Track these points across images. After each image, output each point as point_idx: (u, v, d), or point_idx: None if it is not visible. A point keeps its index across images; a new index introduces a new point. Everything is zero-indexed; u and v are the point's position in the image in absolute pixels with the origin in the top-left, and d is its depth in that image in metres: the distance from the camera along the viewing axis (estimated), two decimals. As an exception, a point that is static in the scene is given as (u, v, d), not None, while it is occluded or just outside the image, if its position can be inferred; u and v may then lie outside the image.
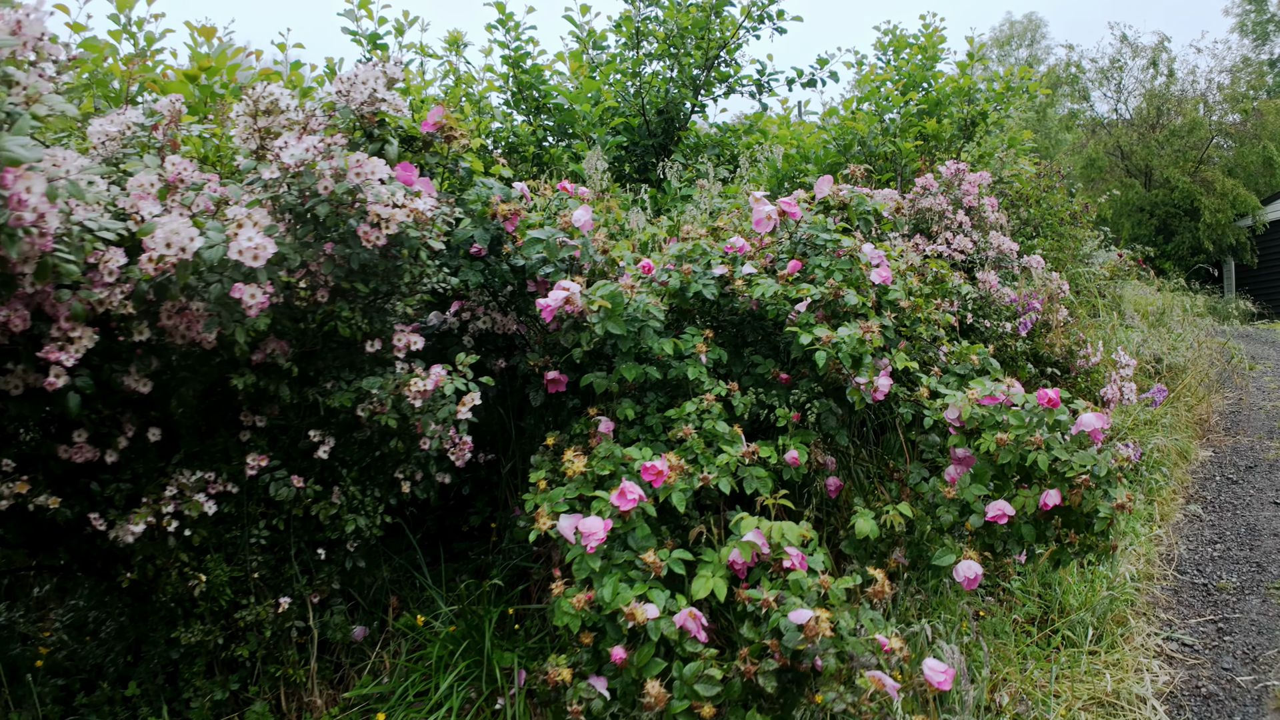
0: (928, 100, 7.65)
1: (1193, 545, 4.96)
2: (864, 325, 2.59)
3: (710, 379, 2.82)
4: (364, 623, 3.26)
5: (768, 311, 2.81)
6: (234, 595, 2.88)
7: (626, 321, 2.66)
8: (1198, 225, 17.38)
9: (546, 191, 3.57)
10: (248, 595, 2.91)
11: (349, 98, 2.81)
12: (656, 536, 2.59)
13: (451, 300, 3.58)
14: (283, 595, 2.91)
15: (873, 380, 2.65)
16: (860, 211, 3.19)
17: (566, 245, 2.88)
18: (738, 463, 2.54)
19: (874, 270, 2.85)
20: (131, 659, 3.04)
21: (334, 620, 3.13)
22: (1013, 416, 2.58)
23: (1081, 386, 5.07)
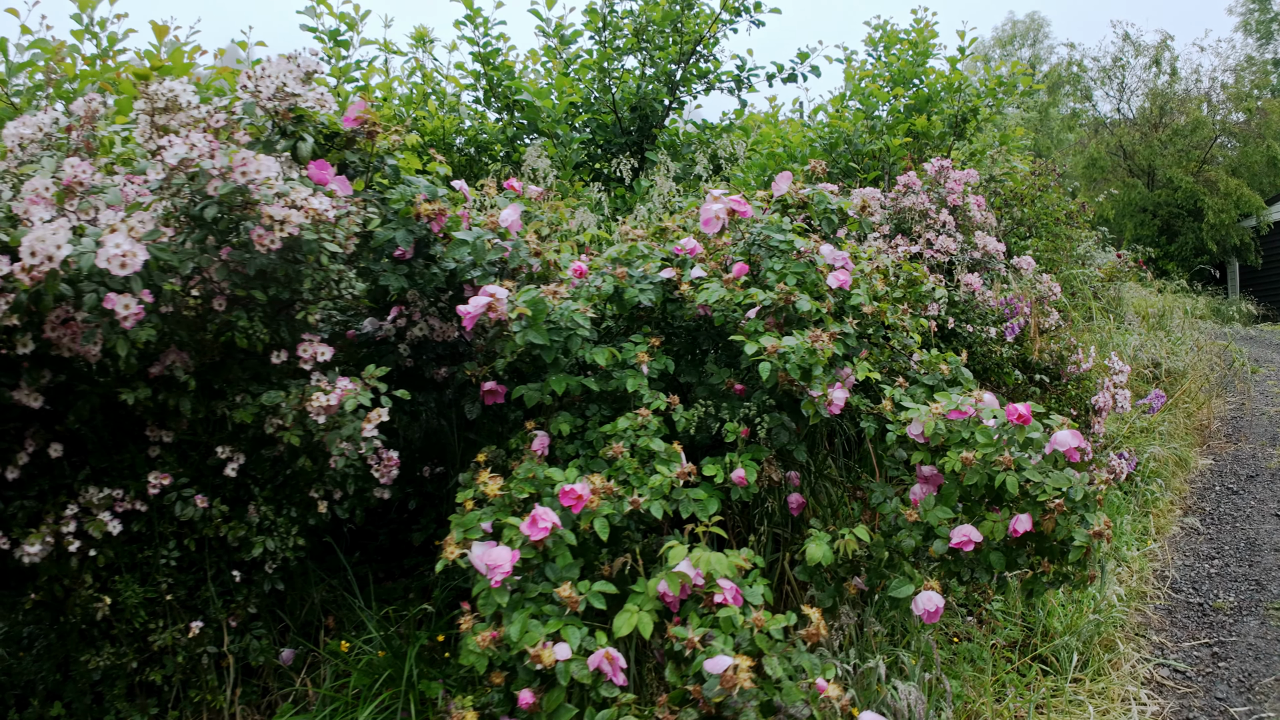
0: (918, 97, 7.42)
1: (1189, 561, 4.71)
2: (813, 334, 2.35)
3: (652, 392, 2.59)
4: (296, 645, 3.07)
5: (715, 318, 2.58)
6: (148, 617, 2.73)
7: (553, 330, 2.43)
8: (1201, 226, 17.09)
9: (490, 190, 3.35)
10: (162, 618, 2.75)
11: (257, 93, 2.60)
12: (583, 566, 2.36)
13: (393, 306, 3.37)
14: (198, 619, 2.74)
15: (825, 392, 2.42)
16: (822, 211, 2.96)
17: (496, 247, 2.65)
18: (672, 484, 2.31)
19: (832, 274, 2.61)
20: (60, 677, 2.88)
21: (254, 644, 2.95)
22: (980, 433, 2.34)
23: (1072, 394, 4.82)
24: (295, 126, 2.77)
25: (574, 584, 2.12)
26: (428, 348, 3.35)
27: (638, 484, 2.36)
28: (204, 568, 2.87)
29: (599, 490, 2.23)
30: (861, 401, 2.75)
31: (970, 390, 2.79)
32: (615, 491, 2.32)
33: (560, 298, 2.44)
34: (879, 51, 7.79)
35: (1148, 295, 11.27)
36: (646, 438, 2.42)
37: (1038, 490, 2.25)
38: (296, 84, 2.70)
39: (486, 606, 2.04)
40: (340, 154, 2.83)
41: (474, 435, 3.48)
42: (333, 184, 2.74)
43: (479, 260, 2.66)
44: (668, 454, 2.41)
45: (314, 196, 2.35)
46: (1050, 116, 24.16)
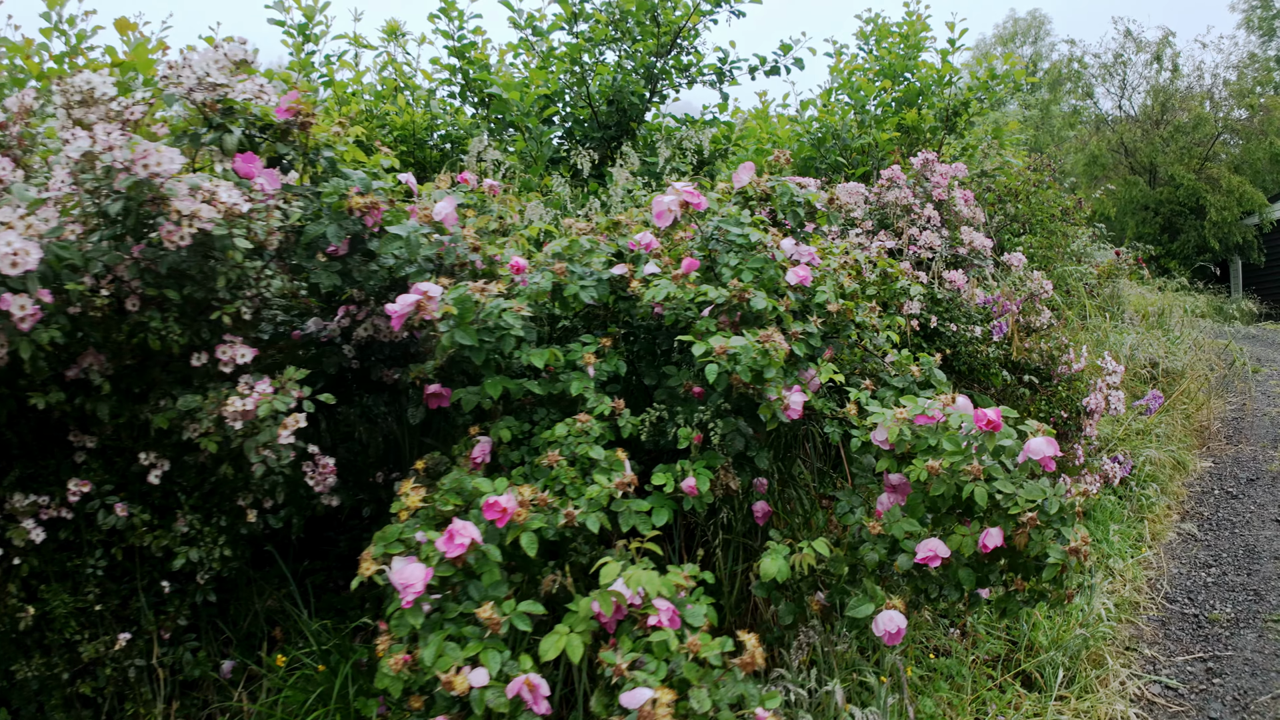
0: (909, 91, 7.24)
1: (1185, 569, 4.53)
2: (764, 334, 2.18)
3: (597, 395, 2.42)
4: (239, 657, 2.94)
5: (666, 317, 2.41)
6: (79, 628, 2.62)
7: (483, 331, 2.26)
8: (1203, 223, 16.86)
9: (443, 184, 3.19)
10: (95, 628, 2.64)
11: (179, 84, 2.44)
12: (523, 582, 2.20)
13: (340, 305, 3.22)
14: (130, 630, 2.65)
15: (781, 396, 2.25)
16: (787, 204, 2.79)
17: (432, 242, 2.49)
18: (610, 495, 2.14)
19: (792, 270, 2.44)
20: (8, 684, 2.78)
21: (187, 657, 2.83)
22: (948, 440, 2.17)
23: (1063, 396, 4.64)
24: (224, 118, 2.62)
25: (499, 604, 1.95)
26: (375, 348, 3.19)
27: (575, 495, 2.19)
28: (136, 578, 2.74)
29: (526, 503, 2.06)
30: (826, 405, 2.58)
31: (943, 393, 2.61)
32: (550, 503, 2.15)
33: (489, 295, 2.27)
34: (870, 45, 7.62)
35: (1147, 293, 11.07)
36: (586, 445, 2.26)
37: (1009, 502, 2.08)
38: (221, 74, 2.55)
39: (400, 628, 1.88)
40: (273, 147, 2.67)
41: (430, 440, 3.33)
42: (260, 177, 2.58)
43: (412, 256, 2.49)
44: (609, 462, 2.24)
45: (225, 190, 2.19)
46: (1052, 114, 23.95)
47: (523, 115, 4.59)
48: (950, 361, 4.30)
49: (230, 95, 2.60)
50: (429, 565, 1.93)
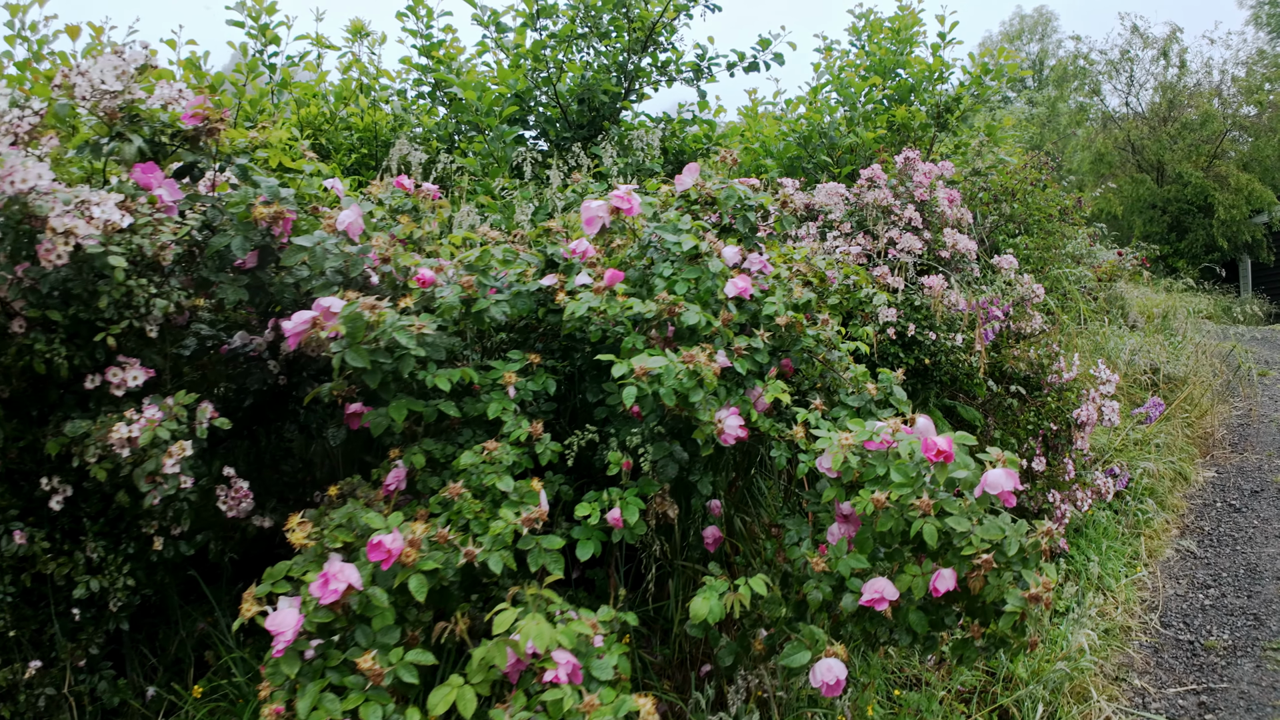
0: (900, 87, 7.01)
1: (1182, 589, 4.29)
2: (687, 354, 1.97)
3: (516, 418, 2.22)
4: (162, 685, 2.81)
5: (591, 333, 2.20)
6: None
7: (378, 351, 2.06)
8: (1211, 222, 16.53)
9: (375, 190, 2.99)
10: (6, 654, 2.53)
11: (70, 92, 2.25)
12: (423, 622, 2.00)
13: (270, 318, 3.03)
14: (46, 657, 2.52)
15: (714, 420, 2.03)
16: (737, 208, 2.57)
17: (340, 254, 2.29)
18: (516, 531, 1.93)
19: (730, 281, 2.23)
20: None
21: (102, 686, 2.69)
22: (897, 470, 1.95)
23: (1052, 407, 4.41)
24: (127, 126, 2.43)
25: (387, 651, 1.75)
26: (304, 364, 3.00)
27: (480, 531, 1.99)
28: (51, 605, 2.61)
29: (417, 542, 1.85)
30: (774, 427, 2.36)
31: (903, 412, 2.40)
32: (451, 540, 1.95)
33: (380, 312, 2.06)
34: (862, 41, 7.40)
35: (1152, 294, 10.79)
36: (494, 475, 2.05)
37: (963, 542, 1.86)
38: (119, 81, 2.36)
39: (274, 677, 1.68)
40: (177, 155, 2.48)
41: (371, 458, 3.15)
42: (160, 188, 2.40)
43: (316, 268, 2.29)
44: (520, 494, 2.04)
45: (104, 204, 2.00)
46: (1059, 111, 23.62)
47: (482, 115, 4.38)
48: (930, 372, 4.08)
49: (134, 102, 2.42)
50: (305, 610, 1.73)
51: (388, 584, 1.83)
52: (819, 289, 3.02)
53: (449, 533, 1.99)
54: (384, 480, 2.36)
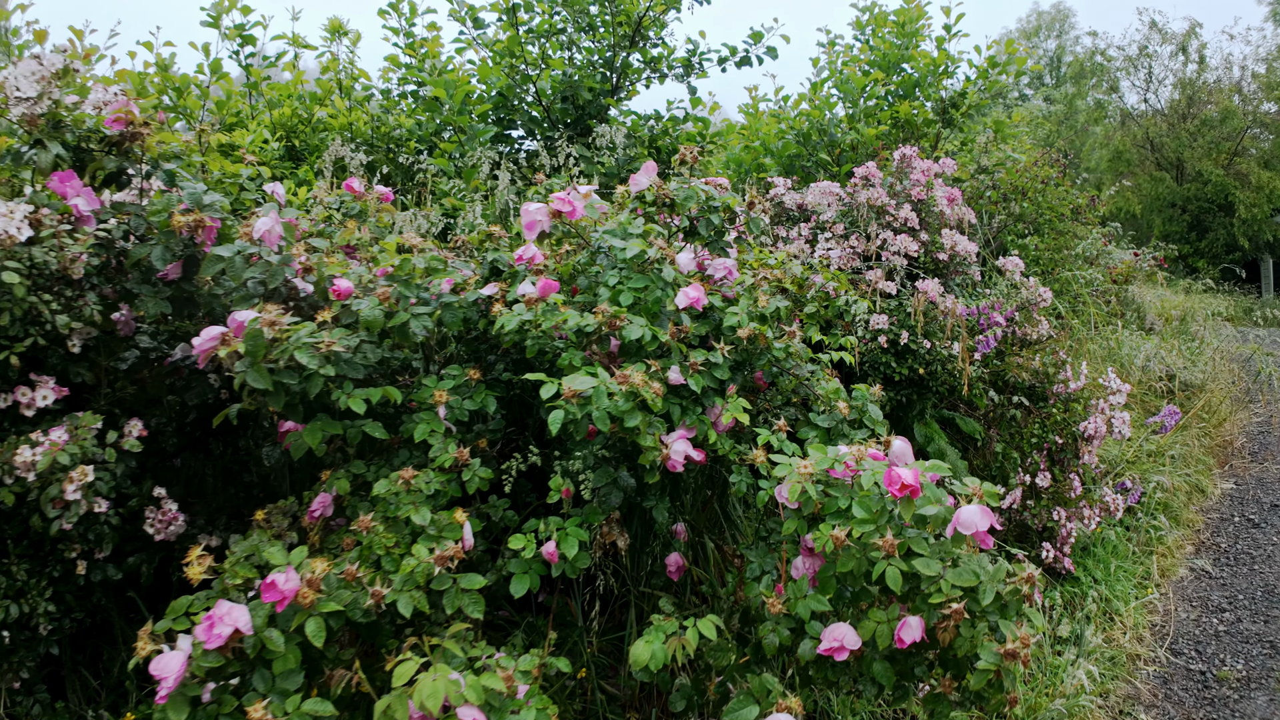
0: (904, 82, 6.77)
1: (1195, 613, 4.03)
2: (621, 374, 1.76)
3: (445, 441, 2.02)
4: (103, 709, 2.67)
5: (528, 348, 1.99)
6: None
7: (283, 371, 1.86)
8: (1232, 221, 16.11)
9: (320, 194, 2.81)
10: None
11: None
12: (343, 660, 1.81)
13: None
14: None
15: (658, 445, 1.82)
16: (702, 210, 2.36)
17: (262, 264, 2.10)
18: (428, 572, 1.73)
19: (682, 291, 2.01)
20: None
21: (37, 708, 2.57)
22: (859, 505, 1.73)
23: (1058, 419, 4.16)
24: (49, 134, 2.27)
25: (284, 698, 1.56)
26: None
27: (391, 568, 1.79)
28: None
29: (316, 582, 1.66)
30: (734, 449, 2.15)
31: (878, 434, 2.18)
32: (361, 578, 1.76)
33: (279, 329, 1.86)
34: (866, 35, 7.16)
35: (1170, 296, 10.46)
36: (409, 505, 1.85)
37: (931, 588, 1.64)
38: (35, 86, 2.19)
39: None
40: (101, 161, 2.31)
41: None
42: (77, 197, 2.23)
43: (234, 279, 2.10)
44: (439, 527, 1.84)
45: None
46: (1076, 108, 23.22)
47: (454, 114, 4.19)
48: (926, 382, 3.85)
49: (57, 107, 2.26)
50: (195, 653, 1.54)
51: (288, 625, 1.64)
52: (797, 296, 2.80)
53: (358, 570, 1.80)
54: (311, 505, 2.17)
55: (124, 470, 2.40)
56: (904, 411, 3.96)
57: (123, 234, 2.46)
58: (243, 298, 2.25)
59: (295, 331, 1.88)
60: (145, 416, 2.59)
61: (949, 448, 3.76)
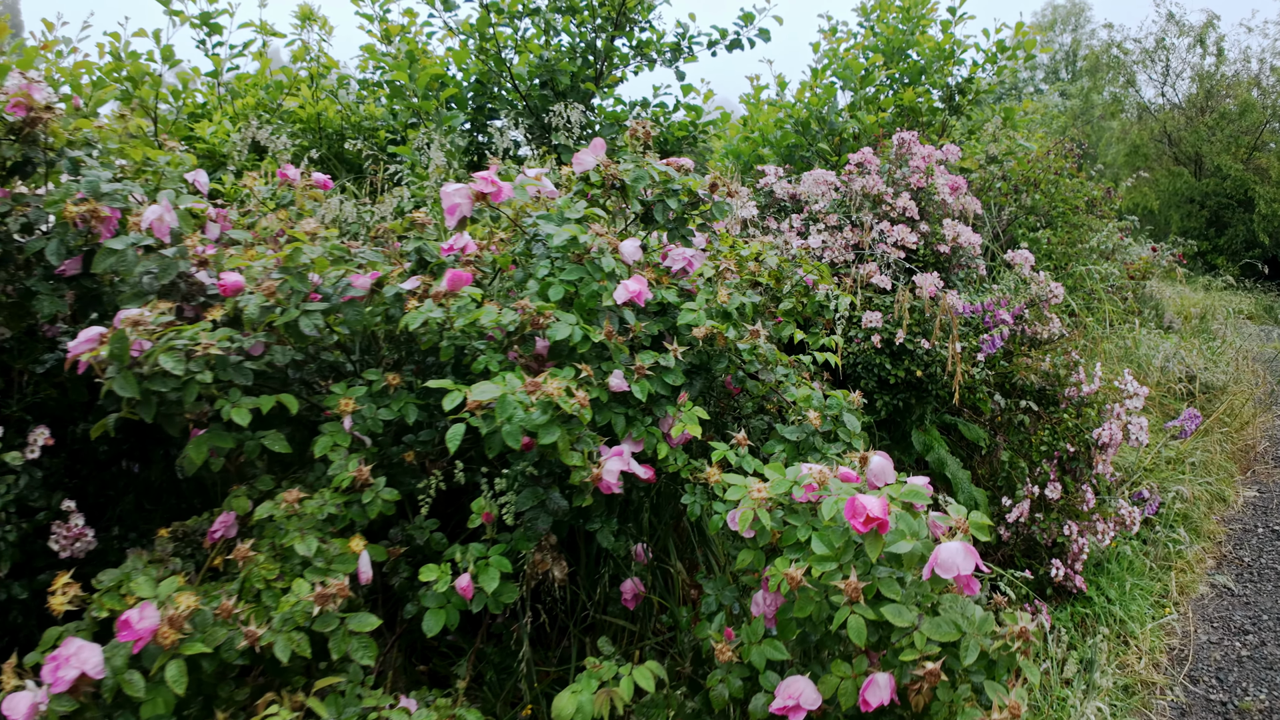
0: (909, 69, 6.46)
1: (1216, 636, 3.71)
2: (531, 381, 1.48)
3: (350, 457, 1.74)
4: None
5: (442, 350, 1.72)
6: None
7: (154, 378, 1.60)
8: (1252, 217, 15.64)
9: (251, 183, 2.55)
10: None
11: None
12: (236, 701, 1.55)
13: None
14: None
15: (586, 464, 1.55)
16: (658, 194, 2.08)
17: (153, 258, 1.84)
18: (308, 611, 1.46)
19: (622, 285, 1.73)
20: None
21: None
22: (820, 539, 1.45)
23: (1070, 425, 3.85)
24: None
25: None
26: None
27: (272, 603, 1.53)
28: None
29: (179, 620, 1.40)
30: (688, 466, 1.87)
31: (851, 449, 1.89)
32: (238, 614, 1.50)
33: (147, 331, 1.60)
34: (871, 21, 6.86)
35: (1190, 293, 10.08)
36: (294, 533, 1.58)
37: (903, 641, 1.35)
38: None
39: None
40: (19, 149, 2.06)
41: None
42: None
43: (125, 274, 1.85)
44: (328, 559, 1.57)
45: None
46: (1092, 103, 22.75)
47: (422, 100, 3.92)
48: (924, 385, 3.55)
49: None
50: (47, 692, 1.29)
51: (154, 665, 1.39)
52: (774, 291, 2.51)
53: (235, 605, 1.54)
54: (213, 525, 1.91)
55: (29, 481, 2.16)
56: (901, 417, 3.66)
57: (20, 227, 2.21)
58: (136, 294, 1.99)
59: (167, 334, 1.62)
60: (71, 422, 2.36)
61: (949, 457, 3.46)
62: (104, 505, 2.52)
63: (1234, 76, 18.36)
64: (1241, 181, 15.80)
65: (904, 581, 1.44)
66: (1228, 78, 18.31)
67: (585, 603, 2.40)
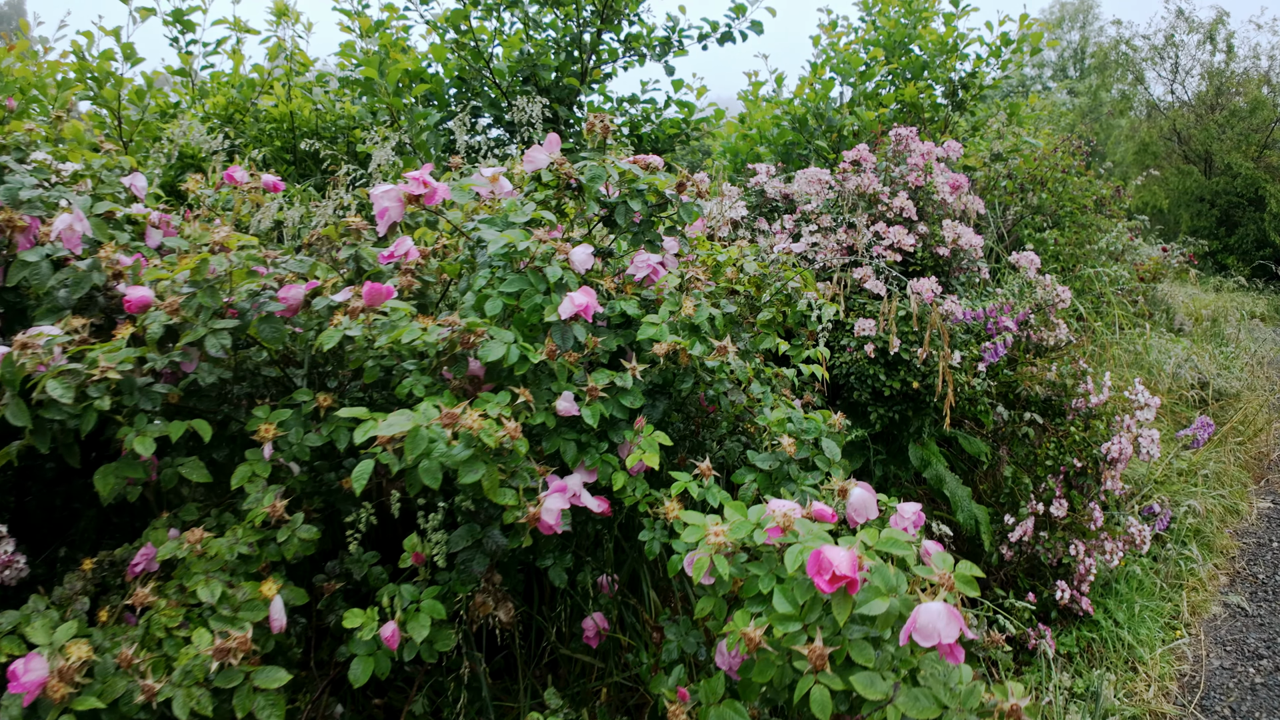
0: (911, 63, 6.25)
1: (1229, 660, 3.51)
2: (448, 412, 1.29)
3: (269, 490, 1.56)
4: None
5: (366, 372, 1.54)
6: None
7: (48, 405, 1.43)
8: (1263, 216, 15.35)
9: (194, 186, 2.37)
10: None
11: None
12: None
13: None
14: None
15: (520, 503, 1.36)
16: (621, 196, 1.89)
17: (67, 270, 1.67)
18: (207, 665, 1.28)
19: (567, 298, 1.54)
20: None
21: None
22: (782, 595, 1.26)
23: (1077, 438, 3.65)
24: None
25: None
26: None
27: (175, 654, 1.35)
28: None
29: (69, 672, 1.22)
30: (648, 497, 1.68)
31: (831, 473, 1.70)
32: (136, 665, 1.32)
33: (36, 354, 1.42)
34: (872, 15, 6.66)
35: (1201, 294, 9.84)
36: (200, 577, 1.41)
37: (876, 717, 1.16)
38: None
39: None
40: None
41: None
42: None
43: (38, 288, 1.68)
44: (234, 605, 1.39)
45: None
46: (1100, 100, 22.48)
47: (393, 96, 3.74)
48: (922, 396, 3.35)
49: None
50: None
51: None
52: (754, 300, 2.32)
53: (135, 654, 1.37)
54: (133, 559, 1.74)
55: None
56: (898, 430, 3.46)
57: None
58: (51, 309, 1.82)
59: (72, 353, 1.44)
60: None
61: (948, 473, 3.27)
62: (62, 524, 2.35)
63: (1244, 74, 18.07)
64: (1252, 180, 15.52)
65: (879, 642, 1.25)
66: (1237, 75, 18.02)
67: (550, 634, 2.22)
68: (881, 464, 3.43)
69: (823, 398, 3.31)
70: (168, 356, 1.74)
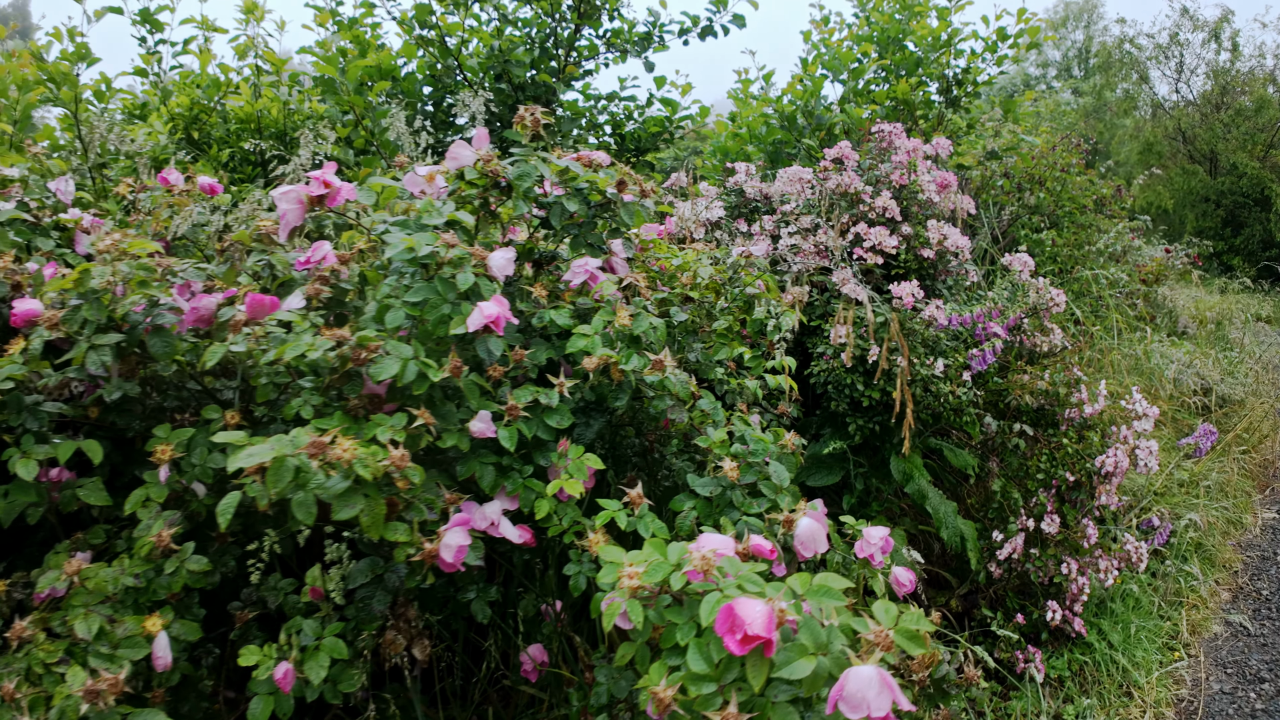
0: (905, 59, 6.09)
1: (1230, 684, 3.33)
2: (315, 440, 1.14)
3: (161, 516, 1.41)
4: None
5: (258, 392, 1.38)
6: None
7: None
8: (1269, 216, 15.13)
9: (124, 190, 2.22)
10: None
11: None
12: None
13: None
14: None
15: (414, 539, 1.20)
16: (567, 196, 1.74)
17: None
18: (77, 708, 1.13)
19: (480, 306, 1.38)
20: None
21: None
22: (696, 652, 1.10)
23: (1070, 451, 3.48)
24: None
25: None
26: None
27: (52, 690, 1.20)
28: None
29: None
30: (575, 527, 1.52)
31: (776, 504, 1.54)
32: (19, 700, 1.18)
33: None
34: (866, 10, 6.49)
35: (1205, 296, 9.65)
36: (80, 611, 1.25)
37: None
38: None
39: None
40: None
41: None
42: None
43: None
44: (113, 642, 1.24)
45: None
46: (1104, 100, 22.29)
47: (354, 95, 3.59)
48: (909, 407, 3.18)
49: None
50: None
51: None
52: (710, 307, 2.16)
53: (16, 688, 1.22)
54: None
55: None
56: (879, 441, 3.30)
57: None
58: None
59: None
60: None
61: (931, 488, 3.10)
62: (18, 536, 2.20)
63: (1249, 73, 17.87)
64: (1258, 180, 15.30)
65: (811, 703, 1.09)
66: (1243, 74, 17.82)
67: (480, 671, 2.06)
68: (863, 477, 3.26)
69: (800, 408, 3.14)
70: (61, 373, 1.59)
